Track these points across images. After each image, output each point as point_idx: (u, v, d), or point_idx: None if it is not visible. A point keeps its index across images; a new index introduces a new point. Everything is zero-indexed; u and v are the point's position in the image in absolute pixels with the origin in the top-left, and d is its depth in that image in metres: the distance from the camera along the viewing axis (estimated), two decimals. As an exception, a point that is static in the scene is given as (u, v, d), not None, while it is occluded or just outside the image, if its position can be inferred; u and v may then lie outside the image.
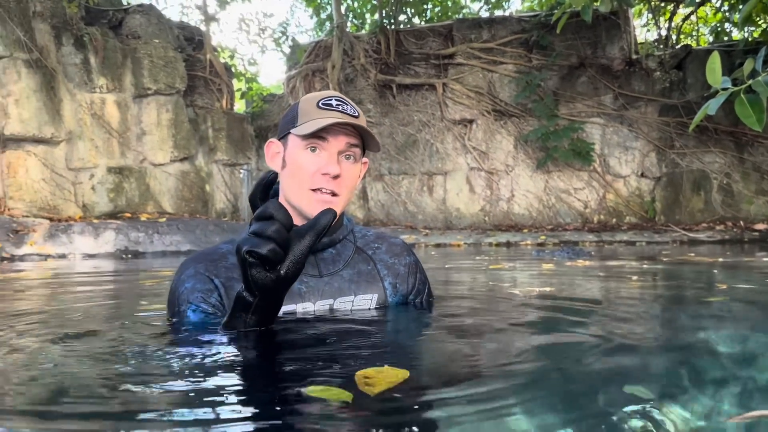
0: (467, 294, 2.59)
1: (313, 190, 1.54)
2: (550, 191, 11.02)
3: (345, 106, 1.56)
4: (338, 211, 1.55)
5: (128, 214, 8.92)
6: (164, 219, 8.71)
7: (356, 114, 1.58)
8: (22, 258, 6.88)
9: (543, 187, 11.06)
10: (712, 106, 2.93)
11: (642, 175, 10.75)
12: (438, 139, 11.51)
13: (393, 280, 1.76)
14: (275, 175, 1.64)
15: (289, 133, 1.59)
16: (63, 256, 7.23)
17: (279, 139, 1.66)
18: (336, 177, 1.53)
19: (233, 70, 12.74)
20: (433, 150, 11.51)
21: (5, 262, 6.54)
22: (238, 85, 12.93)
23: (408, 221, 11.52)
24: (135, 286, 3.62)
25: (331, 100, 1.57)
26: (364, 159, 1.69)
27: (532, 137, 10.68)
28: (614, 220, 10.73)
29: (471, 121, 11.32)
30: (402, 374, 1.03)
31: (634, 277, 3.33)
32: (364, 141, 1.62)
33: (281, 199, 1.63)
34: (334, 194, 1.55)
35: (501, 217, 11.19)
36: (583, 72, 10.88)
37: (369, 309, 1.70)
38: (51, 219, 8.07)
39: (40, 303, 2.74)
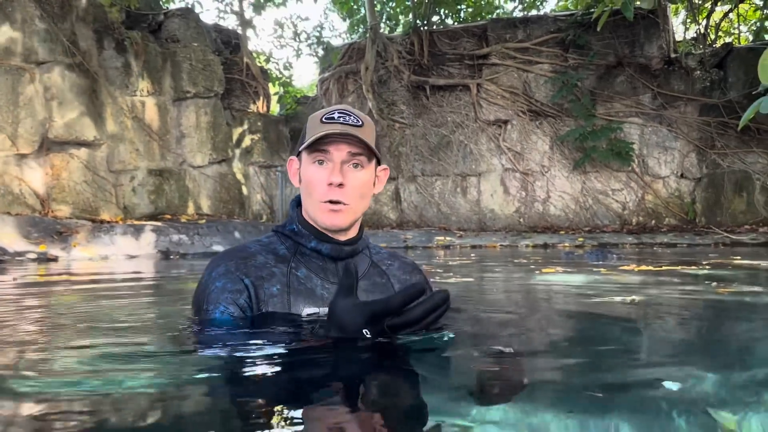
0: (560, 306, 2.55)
1: (324, 202, 1.60)
2: (587, 192, 10.88)
3: (347, 117, 1.61)
4: (349, 219, 1.64)
5: (168, 216, 9.03)
6: (203, 221, 8.80)
7: (359, 123, 1.62)
8: (66, 259, 7.00)
9: (580, 189, 10.92)
10: (764, 105, 2.81)
11: (682, 175, 10.56)
12: (472, 140, 11.44)
13: None
14: None
15: (300, 150, 1.68)
16: (105, 257, 7.33)
17: (296, 157, 1.74)
18: (340, 185, 1.59)
19: (269, 73, 12.84)
20: (466, 151, 11.45)
21: (50, 263, 6.65)
22: (273, 88, 13.01)
23: (441, 223, 11.47)
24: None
25: (334, 113, 1.62)
26: (384, 166, 1.76)
27: (569, 138, 10.57)
28: (653, 221, 10.56)
29: (506, 122, 11.23)
30: None
31: (713, 284, 3.26)
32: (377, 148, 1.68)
33: (303, 213, 1.71)
34: (342, 204, 1.61)
35: (536, 219, 11.08)
36: (621, 71, 10.73)
37: None
38: (92, 220, 8.19)
39: (88, 304, 2.77)
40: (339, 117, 1.61)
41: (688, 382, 1.17)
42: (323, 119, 1.62)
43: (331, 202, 1.60)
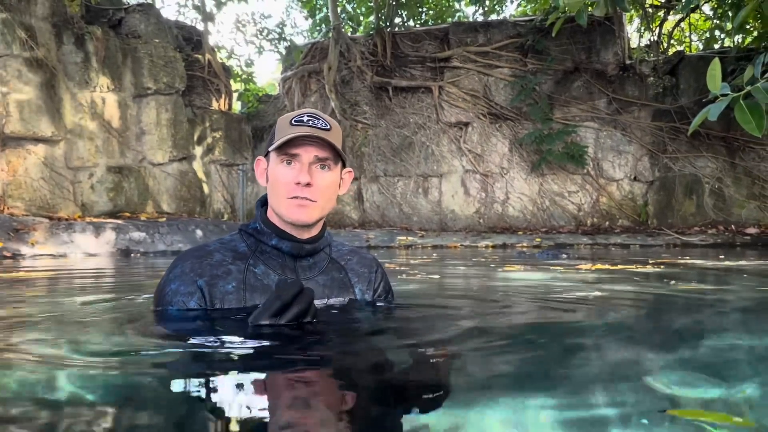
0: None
1: (291, 198, 1.68)
2: (545, 194, 11.15)
3: (316, 121, 1.69)
4: (315, 216, 1.72)
5: (127, 214, 8.91)
6: (164, 219, 8.71)
7: (327, 127, 1.70)
8: (23, 257, 6.86)
9: (537, 190, 11.18)
10: (713, 112, 2.95)
11: (635, 178, 10.91)
12: (433, 141, 11.59)
13: (363, 287, 1.92)
14: None
15: (269, 151, 1.75)
16: (64, 255, 7.21)
17: (264, 157, 1.82)
18: (307, 185, 1.66)
19: (230, 70, 12.75)
20: (428, 152, 11.59)
21: (7, 260, 6.51)
22: (234, 86, 12.93)
23: (403, 223, 11.59)
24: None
25: (303, 116, 1.70)
26: (348, 169, 1.85)
27: (527, 141, 10.80)
28: (607, 223, 10.88)
29: (466, 124, 11.42)
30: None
31: (672, 282, 3.44)
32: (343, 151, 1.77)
33: (269, 211, 1.79)
34: (309, 200, 1.69)
35: (495, 220, 11.30)
36: (578, 76, 11.02)
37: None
38: (50, 218, 8.04)
39: (53, 305, 2.77)
40: (308, 120, 1.68)
41: (636, 358, 1.39)
42: (292, 122, 1.69)
43: (299, 198, 1.67)
